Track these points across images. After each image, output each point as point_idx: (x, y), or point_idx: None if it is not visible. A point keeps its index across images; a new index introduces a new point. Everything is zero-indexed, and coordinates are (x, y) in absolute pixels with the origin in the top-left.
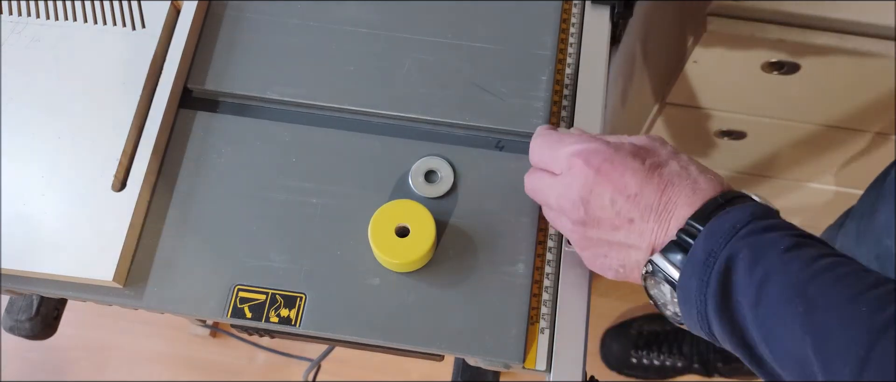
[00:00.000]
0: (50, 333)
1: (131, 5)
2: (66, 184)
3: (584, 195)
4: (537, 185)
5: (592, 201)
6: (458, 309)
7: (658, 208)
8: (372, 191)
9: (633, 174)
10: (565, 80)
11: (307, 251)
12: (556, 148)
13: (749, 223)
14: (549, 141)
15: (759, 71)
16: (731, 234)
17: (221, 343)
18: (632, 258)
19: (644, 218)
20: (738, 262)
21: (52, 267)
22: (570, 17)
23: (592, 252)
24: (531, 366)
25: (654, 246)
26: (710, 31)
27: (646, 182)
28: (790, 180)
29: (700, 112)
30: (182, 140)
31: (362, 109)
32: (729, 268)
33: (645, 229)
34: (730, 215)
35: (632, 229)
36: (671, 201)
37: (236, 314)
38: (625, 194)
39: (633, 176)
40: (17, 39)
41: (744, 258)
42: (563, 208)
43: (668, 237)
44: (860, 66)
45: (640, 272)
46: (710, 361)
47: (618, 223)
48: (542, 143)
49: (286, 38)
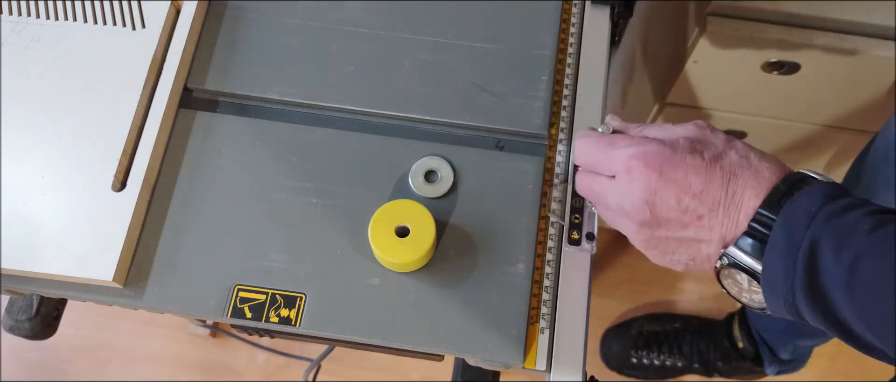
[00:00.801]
0: (50, 333)
1: (131, 5)
2: (66, 184)
3: (649, 198)
4: (594, 187)
5: (658, 202)
6: (458, 309)
7: (725, 202)
8: (372, 191)
9: (696, 172)
10: (565, 80)
11: (307, 251)
12: (607, 150)
13: (824, 206)
14: (598, 143)
15: (759, 71)
16: (808, 220)
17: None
18: (702, 253)
19: (713, 213)
20: (822, 248)
21: (52, 267)
22: (570, 17)
23: (660, 250)
24: (531, 366)
25: (726, 238)
26: (710, 31)
27: (710, 178)
28: None
29: (700, 112)
30: (182, 140)
31: (362, 109)
32: (813, 256)
33: (714, 223)
34: (802, 201)
35: (701, 224)
36: (737, 193)
37: (236, 314)
38: (690, 192)
39: (696, 174)
40: (17, 39)
41: (827, 244)
42: (626, 212)
43: (740, 229)
44: (860, 66)
45: (712, 264)
46: (710, 361)
47: (686, 221)
48: (590, 144)
49: (286, 38)
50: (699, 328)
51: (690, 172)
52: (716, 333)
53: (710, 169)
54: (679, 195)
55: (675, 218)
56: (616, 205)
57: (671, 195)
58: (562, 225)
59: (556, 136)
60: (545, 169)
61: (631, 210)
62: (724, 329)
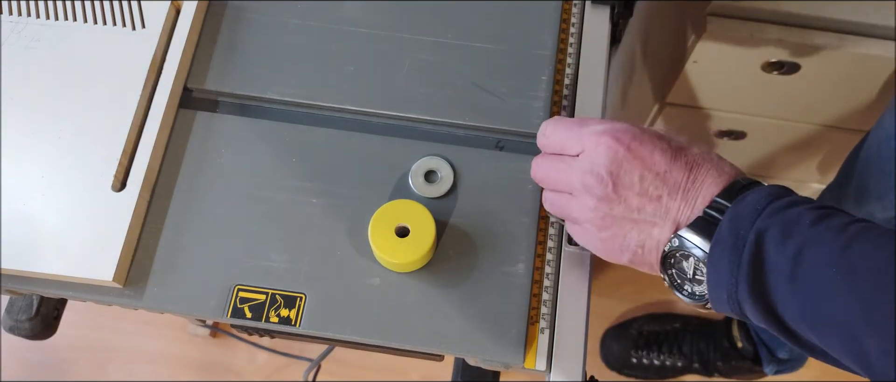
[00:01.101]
0: (50, 333)
1: (131, 5)
2: (66, 184)
3: (614, 170)
4: (558, 164)
5: (622, 175)
6: (458, 309)
7: (686, 186)
8: (372, 191)
9: (662, 153)
10: (565, 80)
11: (307, 251)
12: (576, 129)
13: (771, 203)
14: (569, 123)
15: (759, 71)
16: (755, 214)
17: (221, 343)
18: (654, 236)
19: (672, 195)
20: (768, 239)
21: (52, 267)
22: (570, 17)
23: (612, 232)
24: (531, 366)
25: (679, 223)
26: (710, 31)
27: (674, 161)
28: (790, 180)
29: (700, 112)
30: (182, 140)
31: (362, 109)
32: (759, 246)
33: (672, 206)
34: (750, 198)
35: (659, 205)
36: (698, 181)
37: (236, 314)
38: (654, 171)
39: (662, 155)
40: (17, 39)
41: (773, 236)
42: (588, 186)
43: (696, 214)
44: (860, 66)
45: (661, 250)
46: (710, 361)
47: (645, 200)
48: (561, 125)
49: (286, 38)
50: (699, 329)
51: (657, 152)
52: (715, 333)
53: (676, 154)
54: (643, 172)
55: (635, 196)
56: (578, 180)
57: (635, 171)
58: (562, 225)
59: None
60: None
61: (592, 183)
62: (723, 329)
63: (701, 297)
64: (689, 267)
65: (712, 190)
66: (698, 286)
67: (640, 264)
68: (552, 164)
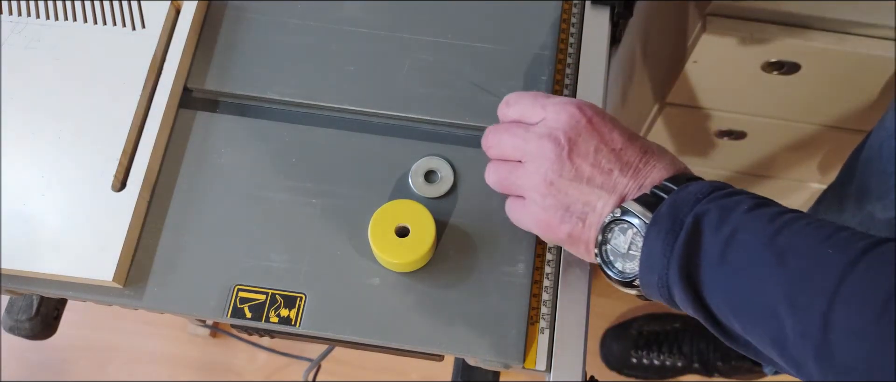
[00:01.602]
0: (50, 333)
1: (131, 5)
2: (66, 184)
3: (573, 136)
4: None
5: (579, 143)
6: (458, 309)
7: (638, 166)
8: (372, 191)
9: (621, 133)
10: (565, 80)
11: (307, 251)
12: (542, 99)
13: (712, 192)
14: (534, 94)
15: (759, 71)
16: (696, 200)
17: (221, 343)
18: (597, 209)
19: (623, 172)
20: (704, 223)
21: (52, 267)
22: (570, 17)
23: (556, 200)
24: (531, 366)
25: (625, 199)
26: (710, 31)
27: (630, 142)
28: (790, 180)
29: (700, 112)
30: (182, 140)
31: (362, 109)
32: (696, 229)
33: (621, 182)
34: (694, 186)
35: (609, 178)
36: (650, 164)
37: (236, 314)
38: (610, 146)
39: (620, 134)
40: (17, 39)
41: (710, 219)
42: (543, 149)
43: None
44: (860, 66)
45: (602, 223)
46: (710, 361)
47: (596, 171)
48: (526, 95)
49: (286, 38)
50: (699, 328)
51: (616, 131)
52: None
53: (632, 137)
54: (599, 144)
55: (588, 166)
56: (534, 144)
57: (592, 141)
58: None
59: None
60: None
61: (549, 147)
62: None
63: (631, 276)
64: (624, 242)
65: (662, 174)
66: (630, 264)
67: (577, 241)
68: (508, 128)
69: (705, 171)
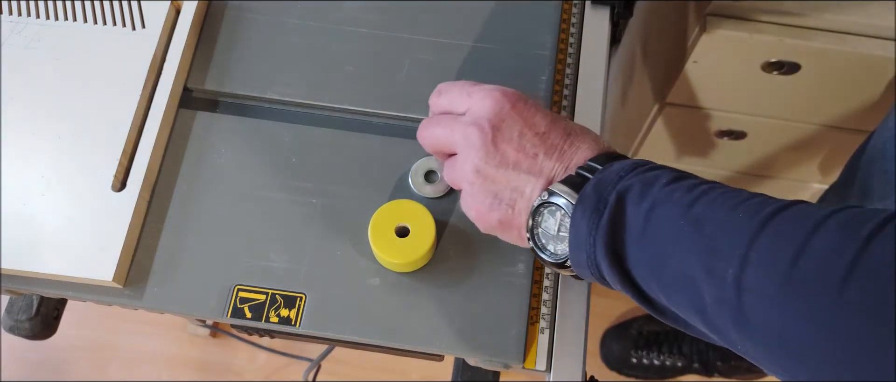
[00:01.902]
0: (50, 333)
1: (131, 5)
2: (66, 184)
3: (496, 123)
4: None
5: (503, 129)
6: (458, 309)
7: (562, 148)
8: (372, 191)
9: (544, 116)
10: (565, 80)
11: (307, 251)
12: (468, 88)
13: (634, 169)
14: (462, 84)
15: (759, 71)
16: (619, 178)
17: (221, 343)
18: (526, 194)
19: (548, 155)
20: (628, 199)
21: (52, 267)
22: (570, 17)
23: (485, 188)
24: (531, 366)
25: (552, 181)
26: (709, 31)
27: (553, 125)
28: (790, 180)
29: (700, 112)
30: (182, 140)
31: (362, 109)
32: (619, 206)
33: (546, 165)
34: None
35: (534, 162)
36: (574, 146)
37: (236, 314)
38: (534, 130)
39: (543, 118)
40: (17, 39)
41: (632, 195)
42: (469, 137)
43: (567, 174)
44: (860, 66)
45: (531, 206)
46: (710, 360)
47: (522, 156)
48: (454, 85)
49: (286, 38)
50: None
51: (538, 114)
52: None
53: (556, 120)
54: (523, 129)
55: (513, 151)
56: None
57: (516, 126)
58: None
59: None
60: None
61: (474, 135)
62: None
63: (562, 257)
64: (554, 224)
65: (587, 154)
66: (561, 245)
67: (509, 227)
68: (438, 121)
69: (705, 171)
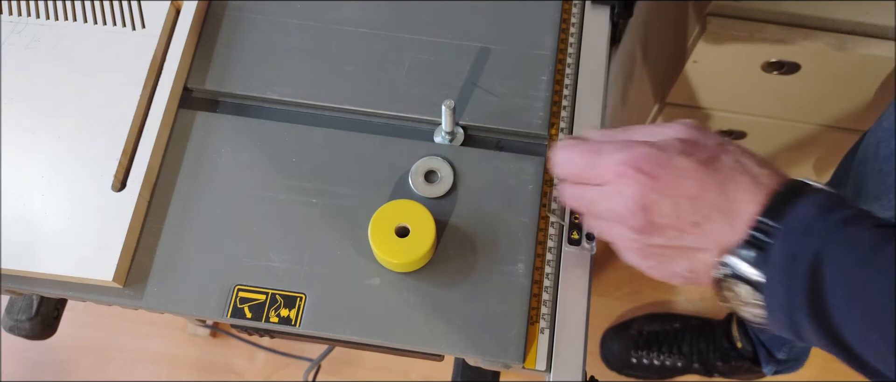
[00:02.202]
0: (50, 333)
1: (131, 5)
2: (66, 184)
3: (644, 204)
4: (584, 195)
5: (653, 208)
6: (458, 309)
7: (722, 207)
8: (372, 191)
9: (690, 175)
10: (565, 80)
11: (307, 251)
12: (593, 158)
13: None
14: (582, 151)
15: (759, 71)
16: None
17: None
18: (700, 262)
19: (710, 219)
20: (825, 263)
21: (52, 267)
22: (570, 17)
23: (657, 261)
24: (531, 366)
25: (723, 246)
26: (709, 31)
27: (704, 182)
28: None
29: (700, 112)
30: (182, 140)
31: (362, 109)
32: (816, 271)
33: (712, 230)
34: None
35: (698, 232)
36: (734, 199)
37: (236, 314)
38: (686, 197)
39: (690, 177)
40: (17, 39)
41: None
42: (621, 217)
43: (738, 236)
44: (860, 66)
45: (711, 274)
46: (710, 361)
47: (682, 228)
48: (575, 153)
49: (286, 38)
50: (699, 328)
51: (684, 175)
52: (715, 333)
53: (705, 172)
54: (674, 201)
55: (671, 225)
56: (609, 211)
57: (665, 201)
58: (562, 225)
59: (556, 136)
60: (545, 169)
61: (625, 215)
62: (723, 329)
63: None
64: (743, 292)
65: (752, 208)
66: (757, 310)
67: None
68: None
69: None
